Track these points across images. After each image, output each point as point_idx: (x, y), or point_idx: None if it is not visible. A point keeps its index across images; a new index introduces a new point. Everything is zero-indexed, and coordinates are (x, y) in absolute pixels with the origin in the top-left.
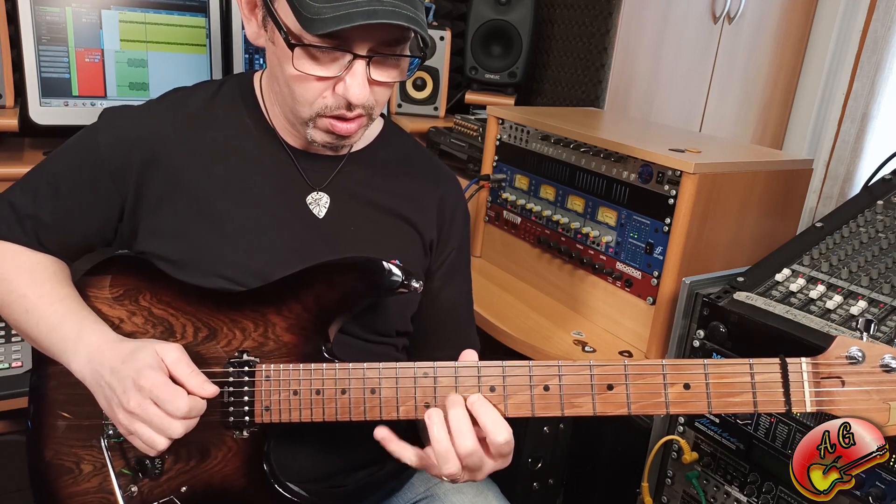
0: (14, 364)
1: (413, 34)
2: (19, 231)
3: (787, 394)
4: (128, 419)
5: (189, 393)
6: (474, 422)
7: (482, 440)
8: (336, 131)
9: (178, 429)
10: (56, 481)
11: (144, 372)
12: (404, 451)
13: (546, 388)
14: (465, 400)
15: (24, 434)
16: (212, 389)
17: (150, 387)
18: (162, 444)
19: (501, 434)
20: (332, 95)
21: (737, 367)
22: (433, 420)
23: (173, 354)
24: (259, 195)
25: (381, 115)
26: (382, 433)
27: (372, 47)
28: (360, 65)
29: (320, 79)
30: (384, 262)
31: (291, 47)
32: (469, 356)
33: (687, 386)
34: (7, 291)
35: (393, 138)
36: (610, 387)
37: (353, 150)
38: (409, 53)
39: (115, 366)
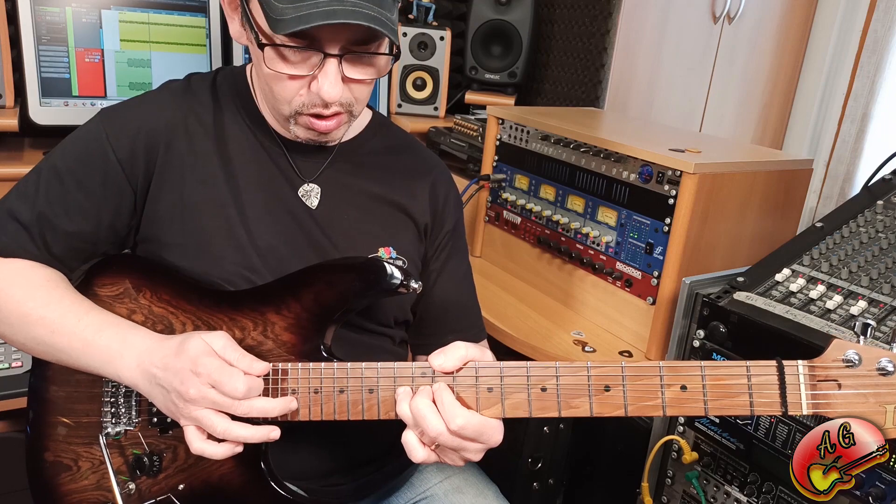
0: (14, 364)
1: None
2: (27, 240)
3: (783, 396)
4: (188, 408)
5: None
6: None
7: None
8: (315, 128)
9: (241, 408)
10: (54, 479)
11: (200, 359)
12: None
13: (543, 389)
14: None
15: (24, 434)
16: (262, 367)
17: (208, 372)
18: (222, 426)
19: (455, 421)
20: (307, 93)
21: (734, 369)
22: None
23: (220, 342)
24: (256, 185)
25: (369, 106)
26: (407, 389)
27: (343, 46)
28: (331, 63)
29: (293, 77)
30: (384, 263)
31: (261, 47)
32: (456, 349)
33: (684, 387)
34: (23, 314)
35: (381, 128)
36: (607, 388)
37: (343, 141)
38: (383, 51)
39: (168, 361)
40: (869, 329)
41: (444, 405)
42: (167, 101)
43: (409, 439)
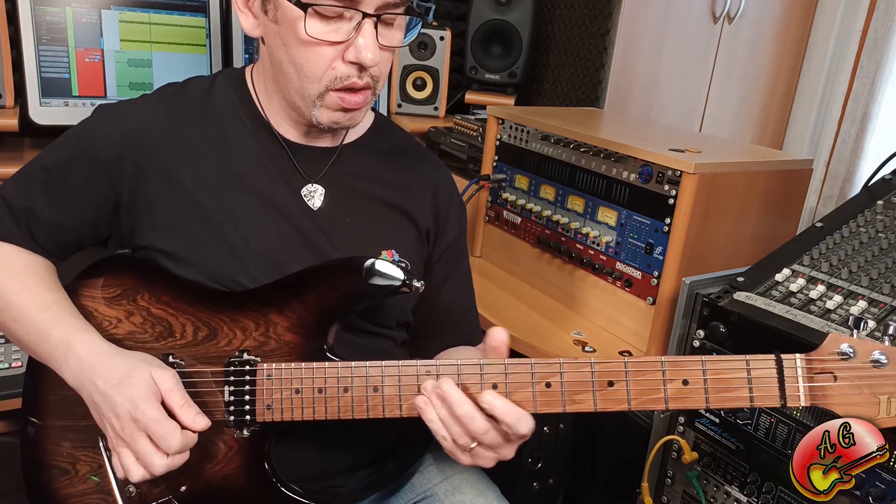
0: (14, 364)
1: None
2: (14, 227)
3: (782, 389)
4: (116, 442)
5: (182, 427)
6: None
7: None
8: (346, 105)
9: (160, 468)
10: (52, 482)
11: (141, 406)
12: None
13: (548, 385)
14: (477, 397)
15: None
16: (203, 423)
17: (146, 422)
18: (138, 475)
19: (524, 425)
20: (342, 64)
21: (734, 363)
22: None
23: (168, 383)
24: (254, 188)
25: (372, 108)
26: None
27: (379, 6)
28: (368, 24)
29: (331, 44)
30: (387, 263)
31: (304, 8)
32: (468, 352)
33: (685, 382)
34: None
35: (384, 130)
36: (610, 383)
37: (346, 141)
38: (409, 13)
39: (107, 390)
40: (862, 323)
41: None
42: (162, 106)
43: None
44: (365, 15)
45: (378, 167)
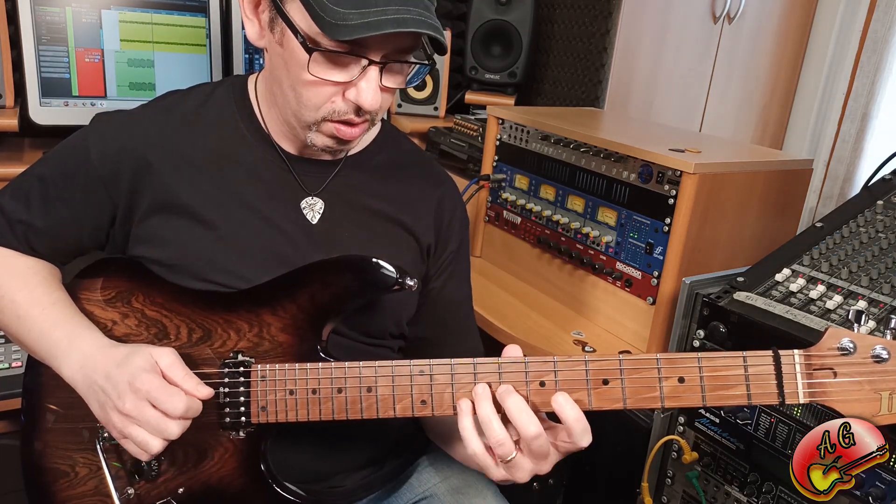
0: (14, 364)
1: (421, 42)
2: (10, 236)
3: (780, 385)
4: (122, 422)
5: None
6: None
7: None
8: (340, 136)
9: (175, 429)
10: (51, 485)
11: (140, 375)
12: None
13: (542, 384)
14: (551, 399)
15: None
16: (206, 391)
17: (147, 389)
18: (156, 446)
19: (586, 439)
20: (341, 100)
21: (730, 360)
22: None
23: (168, 358)
24: (252, 200)
25: None
26: (486, 388)
27: (386, 54)
28: (374, 71)
29: (333, 83)
30: (378, 261)
31: (309, 52)
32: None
33: (681, 379)
34: None
35: (390, 141)
36: (605, 381)
37: (350, 153)
38: (417, 60)
39: (110, 370)
40: (863, 316)
41: (565, 410)
42: (157, 118)
43: (486, 462)
44: (371, 62)
45: (380, 180)
